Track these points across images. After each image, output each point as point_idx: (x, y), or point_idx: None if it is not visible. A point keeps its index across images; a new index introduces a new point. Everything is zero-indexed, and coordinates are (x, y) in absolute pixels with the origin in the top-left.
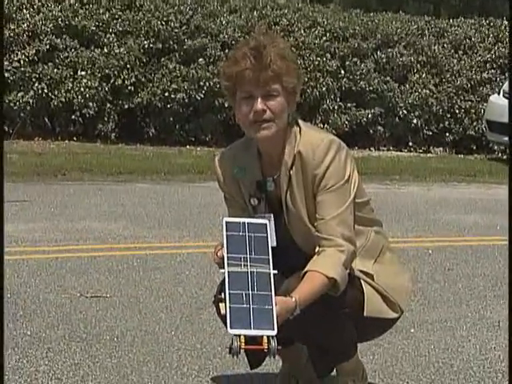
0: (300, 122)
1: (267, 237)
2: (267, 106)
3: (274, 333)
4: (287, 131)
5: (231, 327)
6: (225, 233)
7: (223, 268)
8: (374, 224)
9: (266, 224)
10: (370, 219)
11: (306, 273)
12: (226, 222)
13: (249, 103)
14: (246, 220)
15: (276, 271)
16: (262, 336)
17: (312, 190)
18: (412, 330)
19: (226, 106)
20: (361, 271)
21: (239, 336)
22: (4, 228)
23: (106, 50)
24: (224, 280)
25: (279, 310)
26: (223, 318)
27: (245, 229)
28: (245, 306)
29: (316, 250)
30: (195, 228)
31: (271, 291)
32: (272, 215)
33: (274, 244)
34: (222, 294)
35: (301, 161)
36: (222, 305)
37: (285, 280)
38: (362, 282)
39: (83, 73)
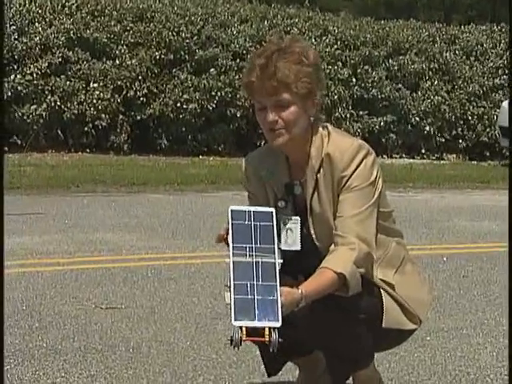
0: (329, 126)
1: (273, 225)
2: (279, 115)
3: (278, 324)
4: (312, 134)
5: (235, 319)
6: (230, 221)
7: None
8: (395, 235)
9: (271, 212)
10: (393, 229)
11: None
12: (232, 211)
13: (262, 113)
14: (252, 208)
15: (282, 260)
16: (263, 328)
17: (337, 191)
18: (428, 338)
19: (238, 115)
20: (381, 280)
21: (241, 327)
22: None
23: (117, 62)
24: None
25: (284, 300)
26: (228, 307)
27: (250, 217)
28: (249, 297)
29: (330, 249)
30: (209, 238)
31: (276, 282)
32: (299, 218)
33: (298, 248)
34: (229, 283)
35: (329, 163)
36: (227, 294)
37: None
38: (382, 291)
39: (95, 85)
